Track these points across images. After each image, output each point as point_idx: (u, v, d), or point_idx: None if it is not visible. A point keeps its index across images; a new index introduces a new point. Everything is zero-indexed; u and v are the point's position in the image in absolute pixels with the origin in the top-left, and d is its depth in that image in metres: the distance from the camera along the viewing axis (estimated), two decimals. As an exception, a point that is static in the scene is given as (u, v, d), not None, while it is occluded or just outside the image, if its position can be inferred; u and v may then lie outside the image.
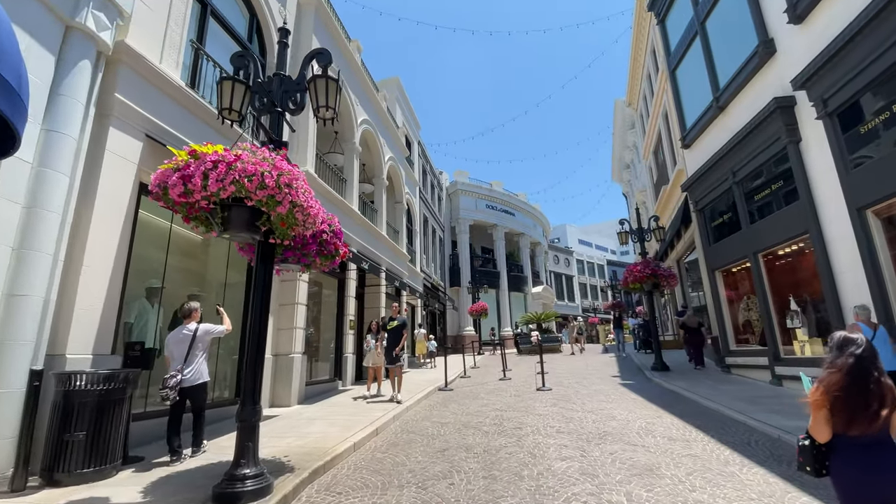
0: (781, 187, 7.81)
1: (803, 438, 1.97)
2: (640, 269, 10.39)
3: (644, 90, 16.18)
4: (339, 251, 4.42)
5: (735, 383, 8.54)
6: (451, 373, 12.46)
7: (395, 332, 8.17)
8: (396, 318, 8.28)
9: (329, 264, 4.50)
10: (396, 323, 8.22)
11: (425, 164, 22.32)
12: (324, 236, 4.19)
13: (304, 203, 3.30)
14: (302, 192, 3.30)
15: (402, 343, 8.09)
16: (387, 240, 13.32)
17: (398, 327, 8.18)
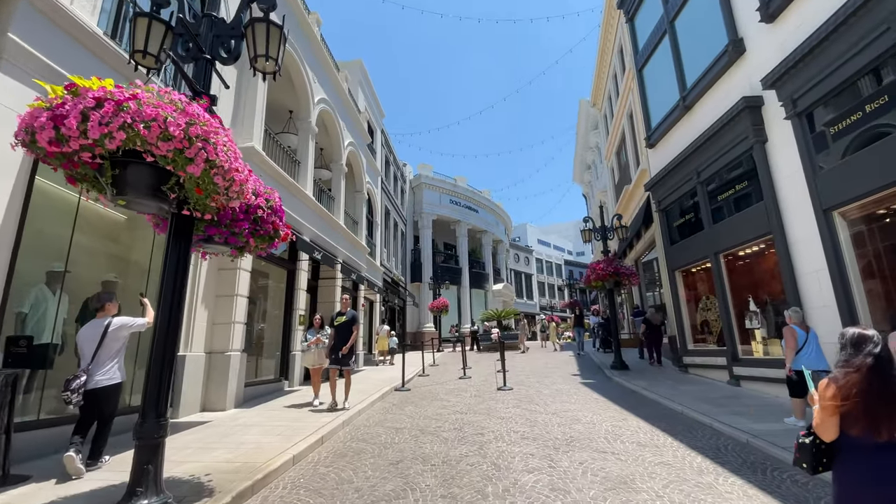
0: (746, 188, 7.82)
1: (804, 436, 1.91)
2: (603, 267, 10.27)
3: (609, 90, 16.27)
4: (278, 232, 3.72)
5: (694, 383, 8.53)
6: (410, 371, 11.88)
7: (343, 328, 6.97)
8: (345, 313, 7.08)
9: (266, 247, 3.79)
10: (345, 318, 7.02)
11: (388, 154, 21.51)
12: (259, 212, 3.48)
13: (226, 165, 2.60)
14: (223, 151, 2.60)
15: (352, 341, 6.91)
16: (344, 230, 12.51)
17: (347, 323, 6.99)
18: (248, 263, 7.55)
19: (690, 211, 9.63)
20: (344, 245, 12.51)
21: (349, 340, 6.89)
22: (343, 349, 6.82)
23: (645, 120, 11.52)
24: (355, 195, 15.00)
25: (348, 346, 6.85)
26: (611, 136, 16.41)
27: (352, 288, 13.93)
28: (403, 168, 25.96)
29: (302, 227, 9.48)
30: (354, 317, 7.15)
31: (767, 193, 7.08)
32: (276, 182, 8.51)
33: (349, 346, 6.86)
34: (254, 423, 5.95)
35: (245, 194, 2.94)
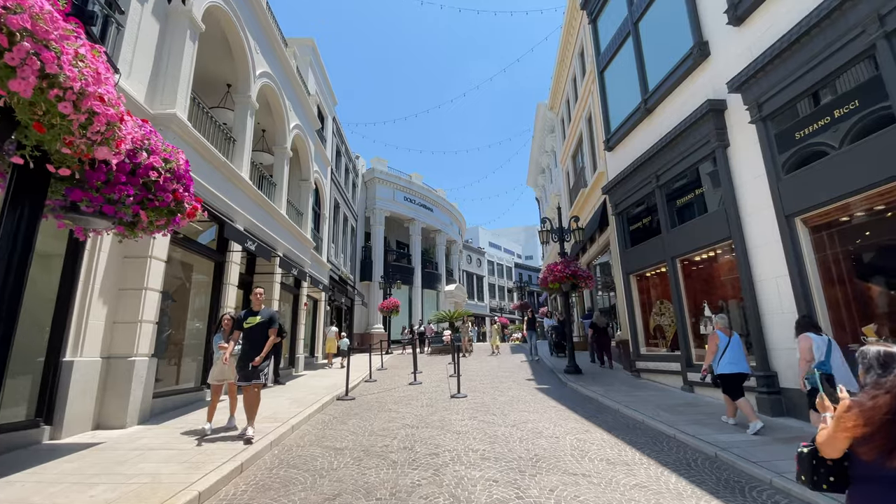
0: (706, 192, 7.78)
1: (805, 446, 1.80)
2: (561, 269, 9.99)
3: (568, 94, 16.28)
4: (182, 205, 2.81)
5: (648, 389, 8.40)
6: (355, 376, 10.96)
7: (255, 332, 5.20)
8: (259, 312, 5.36)
9: (167, 225, 2.88)
10: (259, 319, 5.26)
11: (340, 144, 20.30)
12: (152, 175, 2.57)
13: (78, 86, 1.72)
14: (75, 65, 1.72)
15: (268, 349, 5.18)
16: (286, 221, 11.35)
17: (261, 325, 5.24)
18: (163, 250, 6.35)
19: (648, 215, 9.58)
20: (285, 237, 11.34)
21: (264, 348, 5.13)
22: (255, 360, 5.05)
23: (604, 122, 11.44)
24: (301, 184, 13.80)
25: (262, 356, 5.08)
26: (567, 140, 16.43)
27: (293, 285, 12.74)
28: (356, 161, 24.74)
29: (234, 214, 8.32)
30: (272, 317, 5.38)
31: (728, 198, 7.02)
32: (204, 159, 7.33)
33: (263, 355, 5.10)
34: (158, 444, 4.86)
35: (120, 141, 2.05)
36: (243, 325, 5.31)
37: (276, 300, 10.60)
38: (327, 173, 17.24)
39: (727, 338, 5.57)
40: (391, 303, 19.67)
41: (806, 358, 4.49)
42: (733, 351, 5.49)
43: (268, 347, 5.21)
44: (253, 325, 5.27)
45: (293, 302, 12.78)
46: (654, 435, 5.43)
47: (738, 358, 5.46)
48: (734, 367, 5.40)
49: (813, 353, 4.44)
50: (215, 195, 7.53)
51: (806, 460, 1.76)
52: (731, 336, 5.59)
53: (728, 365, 5.44)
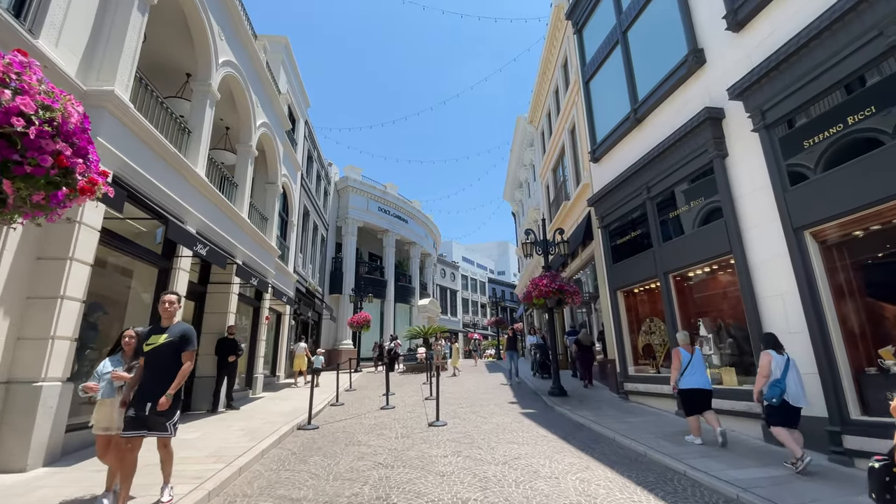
0: (701, 205, 7.40)
1: (879, 460, 1.65)
2: (547, 284, 9.40)
3: (549, 106, 16.08)
4: (73, 175, 1.96)
5: (641, 414, 7.82)
6: (321, 399, 9.91)
7: (160, 357, 3.60)
8: (168, 329, 3.73)
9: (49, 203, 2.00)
10: (166, 338, 3.64)
11: (312, 149, 19.34)
12: (16, 123, 1.71)
13: None
14: None
15: (180, 382, 3.62)
16: (248, 225, 10.30)
17: (170, 347, 3.63)
18: (89, 252, 5.29)
19: (637, 228, 9.18)
20: (246, 244, 10.28)
21: (175, 380, 3.56)
22: (161, 401, 3.43)
23: (590, 133, 11.12)
24: (267, 187, 12.77)
25: (173, 389, 3.52)
26: (548, 153, 16.16)
27: (254, 297, 11.59)
28: (329, 168, 23.76)
29: (184, 213, 7.29)
30: (186, 336, 3.73)
31: (727, 210, 6.64)
32: (149, 148, 6.34)
33: (174, 388, 3.53)
34: (62, 496, 3.79)
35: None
36: (143, 347, 3.64)
37: (232, 313, 9.48)
38: (297, 178, 16.23)
39: (689, 354, 5.86)
40: (362, 317, 18.58)
41: (763, 374, 4.74)
42: (694, 367, 5.78)
43: (178, 381, 3.57)
44: (156, 347, 3.58)
45: (253, 315, 11.62)
46: (662, 471, 4.79)
47: (700, 374, 5.74)
48: (695, 382, 5.71)
49: (771, 369, 4.69)
50: (161, 190, 6.52)
51: (878, 475, 1.62)
52: (693, 353, 5.89)
53: (689, 380, 5.73)
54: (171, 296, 3.88)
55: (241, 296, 10.53)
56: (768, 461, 4.92)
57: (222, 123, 11.64)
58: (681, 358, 5.88)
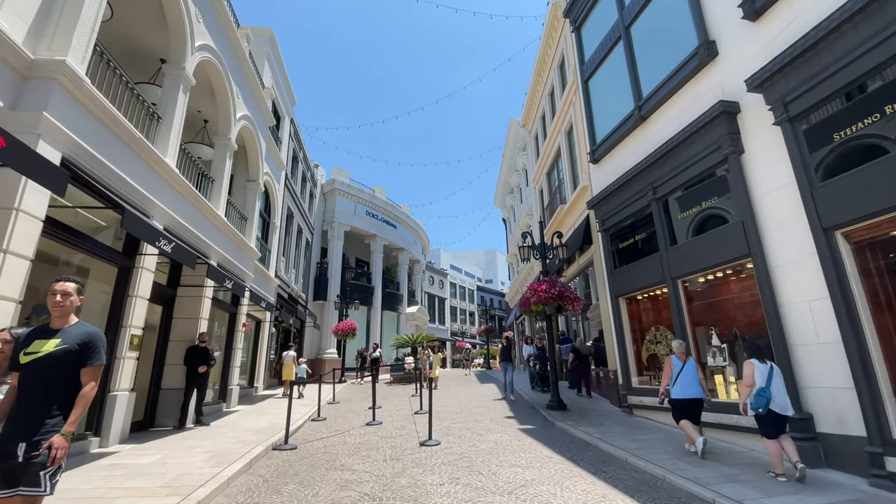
0: (714, 205, 6.95)
1: None
2: (546, 290, 8.84)
3: (544, 108, 15.70)
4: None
5: (649, 430, 7.26)
6: (301, 413, 9.13)
7: (46, 371, 2.45)
8: (62, 332, 2.56)
9: None
10: (57, 345, 2.49)
11: (297, 149, 18.60)
12: None
13: None
14: None
15: (77, 415, 2.47)
16: (224, 224, 9.54)
17: (59, 358, 2.47)
18: (29, 244, 4.52)
19: (641, 231, 8.70)
20: (222, 244, 9.50)
21: (72, 412, 2.46)
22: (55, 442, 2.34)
23: (589, 134, 10.69)
24: (248, 185, 12.00)
25: (71, 425, 2.43)
26: (542, 156, 15.74)
27: (230, 302, 10.76)
28: (315, 170, 22.99)
29: (149, 206, 6.54)
30: (89, 343, 2.59)
31: (745, 211, 6.18)
32: (108, 129, 5.61)
33: (72, 424, 2.44)
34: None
35: None
36: (20, 358, 2.45)
37: (204, 319, 8.67)
38: (281, 178, 15.47)
39: (681, 363, 5.84)
40: (347, 325, 17.76)
41: (748, 384, 4.70)
42: (686, 376, 5.74)
43: (77, 413, 2.47)
44: (39, 359, 2.45)
45: (229, 322, 10.78)
46: (687, 499, 4.20)
47: (690, 383, 5.71)
48: (684, 392, 5.69)
49: (755, 379, 4.65)
50: (119, 177, 5.78)
51: None
52: (686, 361, 5.85)
53: (678, 390, 5.72)
54: (67, 284, 2.63)
55: (216, 301, 9.72)
56: (800, 487, 4.38)
57: (200, 116, 10.90)
58: (672, 366, 5.89)
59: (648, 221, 8.39)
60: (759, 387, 4.58)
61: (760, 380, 4.61)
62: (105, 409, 5.95)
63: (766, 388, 4.56)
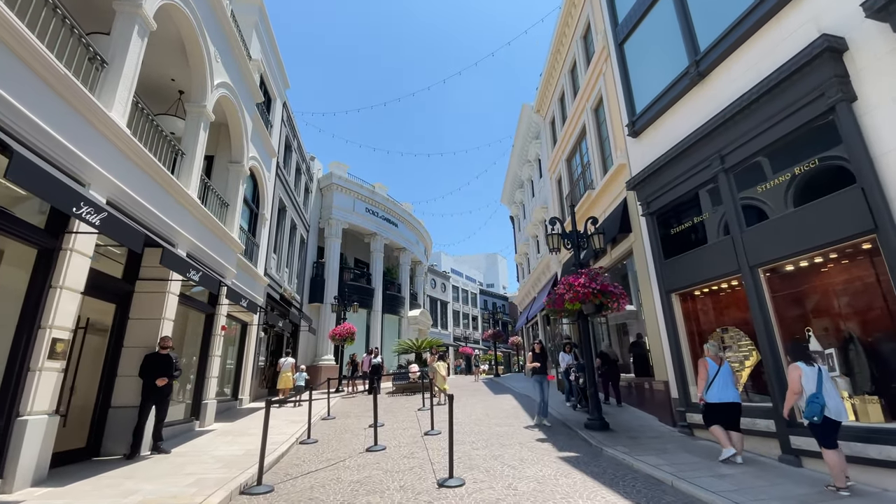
0: (813, 169, 5.41)
1: None
2: (585, 284, 7.27)
3: (563, 87, 14.22)
4: None
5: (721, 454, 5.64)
6: (289, 432, 7.57)
7: None
8: None
9: None
10: None
11: (291, 137, 17.10)
12: None
13: None
14: None
15: None
16: (196, 206, 8.00)
17: None
18: None
19: (703, 210, 7.16)
20: (193, 229, 7.96)
21: None
22: None
23: (627, 104, 9.18)
24: (230, 167, 10.47)
25: None
26: (561, 141, 14.24)
27: (207, 301, 9.18)
28: (311, 162, 21.48)
29: (88, 171, 5.00)
30: None
31: (864, 173, 4.66)
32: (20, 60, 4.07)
33: None
34: None
35: None
36: None
37: (168, 320, 7.09)
38: (271, 166, 13.95)
39: (717, 366, 5.67)
40: (345, 329, 16.15)
41: (794, 390, 4.38)
42: (723, 380, 5.57)
43: None
44: None
45: (206, 324, 9.18)
46: None
47: (727, 386, 5.56)
48: (721, 395, 5.51)
49: (802, 385, 4.33)
50: (42, 129, 4.23)
51: None
52: (722, 365, 5.68)
53: (715, 393, 5.54)
54: None
55: (187, 299, 8.16)
56: None
57: (174, 86, 9.40)
58: (708, 368, 5.69)
59: (714, 198, 6.87)
60: (811, 393, 4.23)
61: (810, 385, 4.27)
62: (9, 441, 4.35)
63: (818, 393, 4.19)
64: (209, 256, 8.59)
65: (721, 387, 5.53)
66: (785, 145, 5.73)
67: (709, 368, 5.68)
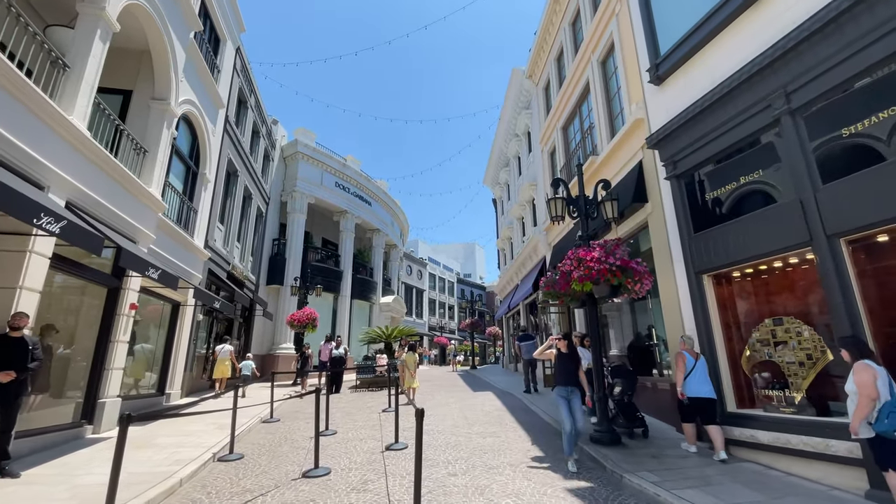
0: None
1: None
2: (601, 259, 5.62)
3: (561, 44, 12.50)
4: None
5: (793, 492, 4.13)
6: (209, 442, 5.71)
7: None
8: None
9: None
10: None
11: (246, 90, 14.78)
12: None
13: None
14: None
15: None
16: (84, 140, 5.92)
17: None
18: None
19: (748, 168, 5.61)
20: (79, 169, 5.88)
21: None
22: None
23: (649, 44, 7.54)
24: (152, 106, 8.30)
25: None
26: (556, 107, 12.56)
27: (111, 272, 7.10)
28: (273, 126, 19.11)
29: None
30: None
31: None
32: None
33: None
34: None
35: None
36: None
37: (28, 289, 5.05)
38: (217, 119, 11.72)
39: (693, 360, 5.52)
40: (305, 315, 14.19)
41: (871, 395, 3.36)
42: (699, 374, 5.44)
43: None
44: None
45: (108, 301, 7.11)
46: None
47: (703, 381, 5.43)
48: (698, 390, 5.38)
49: (878, 389, 3.35)
50: None
51: None
52: (698, 359, 5.54)
53: (696, 388, 5.39)
54: None
55: (75, 265, 6.09)
56: None
57: None
58: (685, 361, 5.51)
59: (767, 152, 5.32)
60: (886, 400, 3.34)
61: (885, 389, 3.36)
62: None
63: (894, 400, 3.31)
64: (110, 211, 6.51)
65: (698, 382, 5.41)
66: (889, 74, 4.17)
67: (686, 361, 5.50)
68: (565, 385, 5.33)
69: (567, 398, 5.27)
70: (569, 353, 5.54)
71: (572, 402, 5.26)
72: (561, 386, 5.36)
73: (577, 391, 5.34)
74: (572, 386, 5.32)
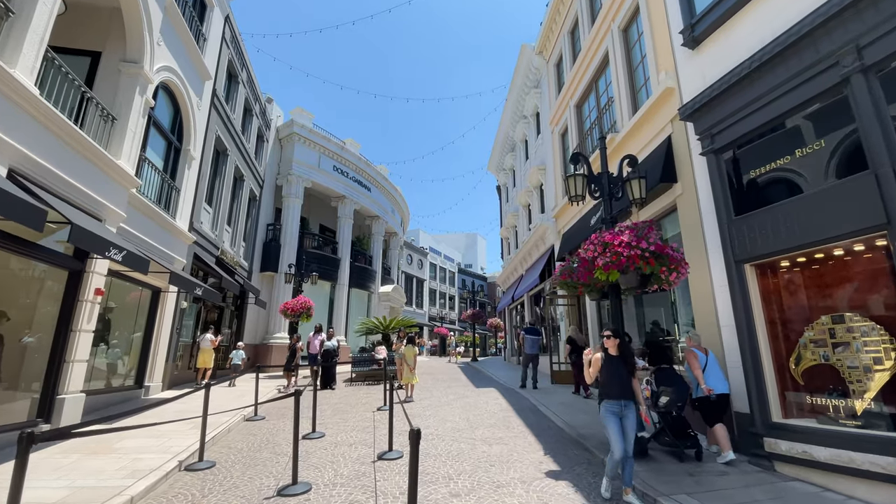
0: None
1: None
2: (631, 244, 4.84)
3: (577, 14, 11.54)
4: None
5: None
6: (180, 445, 4.99)
7: None
8: None
9: None
10: None
11: (237, 64, 13.86)
12: None
13: None
14: None
15: None
16: (32, 100, 5.12)
17: None
18: None
19: (807, 140, 4.78)
20: (29, 134, 5.08)
21: None
22: None
23: (683, 4, 6.65)
24: (122, 69, 7.45)
25: None
26: (570, 83, 11.65)
27: (72, 254, 6.33)
28: (268, 105, 18.20)
29: None
30: None
31: None
32: None
33: None
34: None
35: None
36: None
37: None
38: (203, 91, 10.86)
39: (704, 356, 5.31)
40: (299, 303, 13.45)
41: None
42: (714, 370, 5.22)
43: None
44: None
45: (69, 285, 6.35)
46: None
47: (720, 377, 5.20)
48: (718, 387, 5.08)
49: None
50: None
51: None
52: (708, 354, 5.34)
53: (716, 384, 5.09)
54: None
55: (25, 244, 5.32)
56: None
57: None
58: (698, 358, 5.23)
59: (830, 120, 4.50)
60: None
61: None
62: None
63: None
64: (63, 181, 5.72)
65: (715, 377, 5.14)
66: None
67: (699, 358, 5.24)
68: (619, 398, 4.04)
69: (619, 414, 4.01)
70: (620, 355, 4.25)
71: (625, 420, 4.01)
72: (612, 400, 4.07)
73: (633, 405, 4.07)
74: (627, 399, 4.05)
